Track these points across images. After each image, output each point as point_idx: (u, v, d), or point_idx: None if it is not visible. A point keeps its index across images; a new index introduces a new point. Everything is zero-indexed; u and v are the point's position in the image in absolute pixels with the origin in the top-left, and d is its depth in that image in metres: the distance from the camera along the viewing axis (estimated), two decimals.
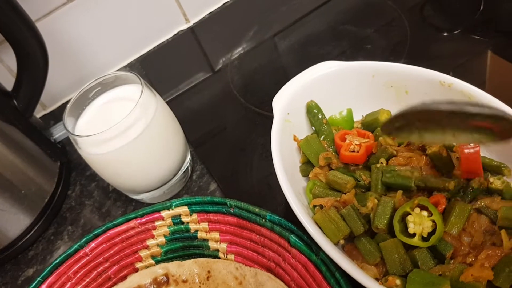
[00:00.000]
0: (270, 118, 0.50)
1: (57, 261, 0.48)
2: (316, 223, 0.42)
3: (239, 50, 0.77)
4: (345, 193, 0.45)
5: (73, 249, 0.49)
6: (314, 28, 0.75)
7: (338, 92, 0.53)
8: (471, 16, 0.67)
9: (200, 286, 0.46)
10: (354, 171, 0.47)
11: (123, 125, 0.49)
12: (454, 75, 0.47)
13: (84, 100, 0.55)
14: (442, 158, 0.44)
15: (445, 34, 0.67)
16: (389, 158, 0.46)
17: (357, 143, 0.47)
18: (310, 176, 0.48)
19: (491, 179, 0.42)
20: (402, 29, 0.67)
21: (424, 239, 0.39)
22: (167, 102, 0.56)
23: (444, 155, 0.44)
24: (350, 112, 0.53)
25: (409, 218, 0.40)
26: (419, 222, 0.39)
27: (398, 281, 0.38)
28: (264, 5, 0.83)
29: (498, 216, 0.39)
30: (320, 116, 0.51)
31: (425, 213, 0.40)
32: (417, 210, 0.40)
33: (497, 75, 0.60)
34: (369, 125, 0.51)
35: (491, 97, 0.44)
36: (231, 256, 0.48)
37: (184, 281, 0.47)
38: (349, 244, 0.43)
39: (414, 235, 0.39)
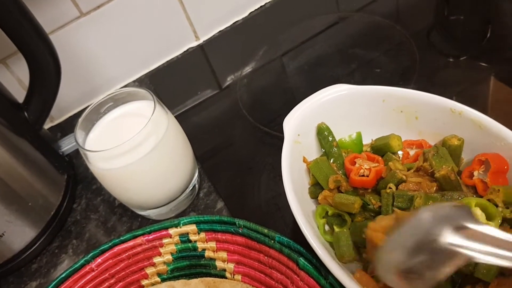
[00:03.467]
0: (278, 138, 0.50)
1: (63, 275, 0.48)
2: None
3: (247, 69, 0.77)
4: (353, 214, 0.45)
5: (79, 264, 0.49)
6: (323, 50, 0.76)
7: (348, 115, 0.53)
8: (478, 43, 0.67)
9: None
10: (363, 195, 0.47)
11: (134, 141, 0.49)
12: (457, 100, 0.47)
13: (96, 115, 0.55)
14: (451, 181, 0.44)
15: (451, 60, 0.67)
16: (399, 183, 0.46)
17: (367, 167, 0.47)
18: (319, 198, 0.48)
19: (500, 208, 0.43)
20: (412, 54, 0.68)
21: None
22: (175, 117, 0.57)
23: (452, 178, 0.44)
24: (359, 135, 0.53)
25: None
26: None
27: None
28: (273, 26, 0.84)
29: None
30: (330, 139, 0.51)
31: None
32: None
33: (500, 101, 0.61)
34: (379, 149, 0.51)
35: (501, 126, 0.44)
36: (238, 277, 0.47)
37: None
38: (359, 269, 0.43)
39: None
